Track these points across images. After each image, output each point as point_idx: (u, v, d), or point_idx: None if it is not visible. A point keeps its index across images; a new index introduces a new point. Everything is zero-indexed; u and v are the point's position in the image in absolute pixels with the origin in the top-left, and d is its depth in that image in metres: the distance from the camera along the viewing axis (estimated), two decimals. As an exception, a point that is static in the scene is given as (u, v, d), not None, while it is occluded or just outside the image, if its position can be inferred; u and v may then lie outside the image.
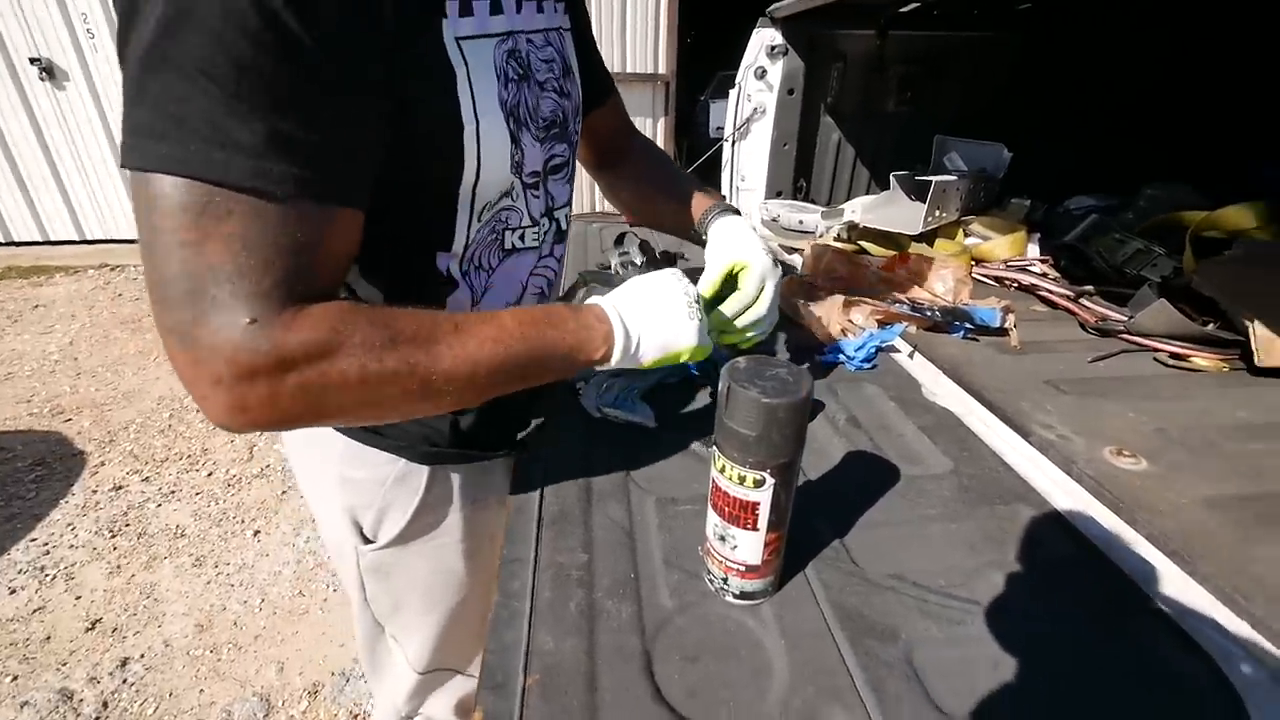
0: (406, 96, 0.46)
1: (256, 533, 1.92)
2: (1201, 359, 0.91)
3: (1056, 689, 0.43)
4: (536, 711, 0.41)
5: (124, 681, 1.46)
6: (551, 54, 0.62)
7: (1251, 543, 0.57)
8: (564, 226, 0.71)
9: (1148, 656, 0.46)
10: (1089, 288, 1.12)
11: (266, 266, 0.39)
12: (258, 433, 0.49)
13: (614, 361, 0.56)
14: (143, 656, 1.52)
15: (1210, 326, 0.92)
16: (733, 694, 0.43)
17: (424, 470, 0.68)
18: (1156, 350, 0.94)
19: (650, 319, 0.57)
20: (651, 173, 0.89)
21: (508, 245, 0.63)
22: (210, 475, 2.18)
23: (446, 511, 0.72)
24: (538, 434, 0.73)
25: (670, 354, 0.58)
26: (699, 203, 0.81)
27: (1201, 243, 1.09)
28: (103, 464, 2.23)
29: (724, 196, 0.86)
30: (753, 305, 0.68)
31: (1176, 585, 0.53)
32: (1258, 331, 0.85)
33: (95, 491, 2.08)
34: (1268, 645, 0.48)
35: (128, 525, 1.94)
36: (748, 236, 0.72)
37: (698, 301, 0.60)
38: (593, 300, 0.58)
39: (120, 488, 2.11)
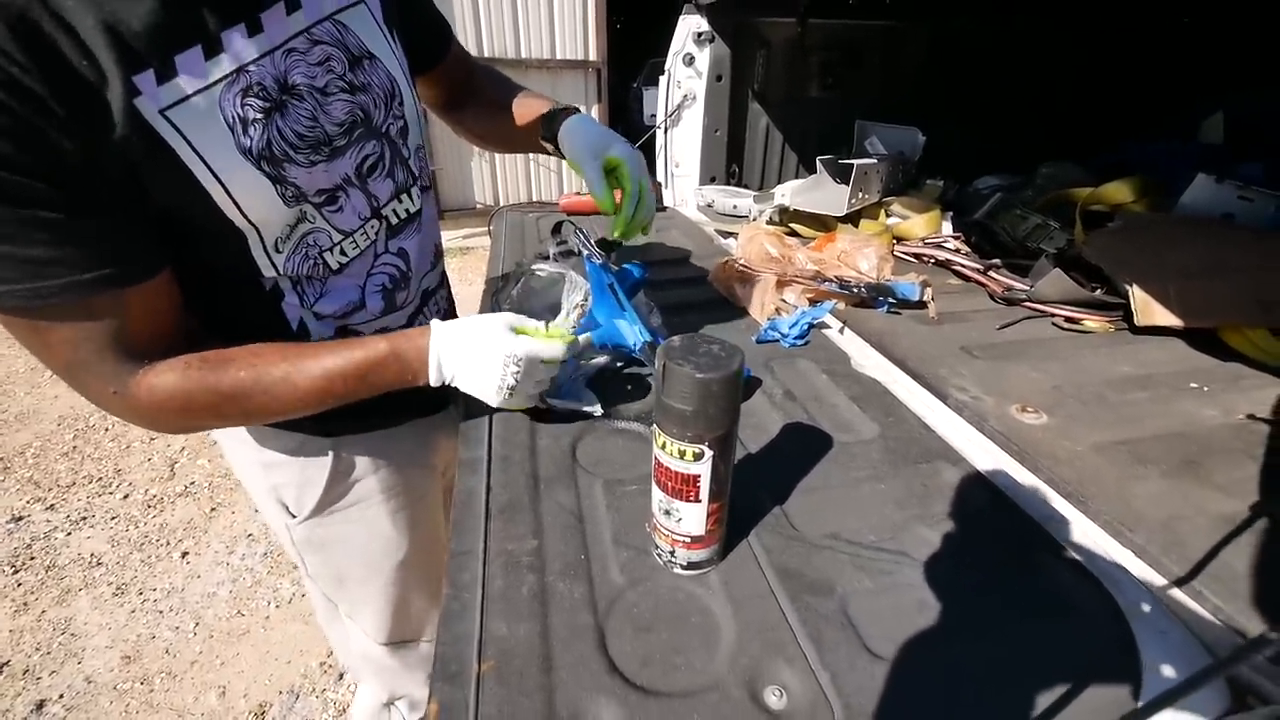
0: (145, 180, 0.48)
1: (185, 554, 1.80)
2: (1091, 321, 1.00)
3: (973, 623, 0.48)
4: (493, 696, 0.42)
5: (41, 726, 1.35)
6: (325, 52, 0.56)
7: (1133, 480, 0.65)
8: (399, 218, 0.68)
9: (1049, 587, 0.52)
10: (996, 261, 1.21)
11: (99, 353, 0.50)
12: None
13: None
14: (61, 697, 1.40)
15: (1098, 292, 1.02)
16: (685, 658, 0.45)
17: (326, 442, 0.72)
18: (1053, 315, 1.03)
19: (466, 370, 0.61)
20: (492, 95, 0.88)
21: (333, 265, 0.62)
22: (126, 497, 2.03)
23: (359, 477, 0.76)
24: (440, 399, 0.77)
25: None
26: (536, 109, 0.83)
27: (1089, 216, 1.20)
28: (-3, 494, 2.03)
29: (552, 99, 0.86)
30: (642, 198, 0.75)
31: (1073, 523, 0.60)
32: (1136, 295, 0.95)
33: (-10, 525, 1.90)
34: (1147, 569, 0.55)
35: (32, 558, 1.78)
36: (599, 129, 0.76)
37: (519, 364, 0.60)
38: (430, 337, 0.61)
39: (20, 518, 1.93)
